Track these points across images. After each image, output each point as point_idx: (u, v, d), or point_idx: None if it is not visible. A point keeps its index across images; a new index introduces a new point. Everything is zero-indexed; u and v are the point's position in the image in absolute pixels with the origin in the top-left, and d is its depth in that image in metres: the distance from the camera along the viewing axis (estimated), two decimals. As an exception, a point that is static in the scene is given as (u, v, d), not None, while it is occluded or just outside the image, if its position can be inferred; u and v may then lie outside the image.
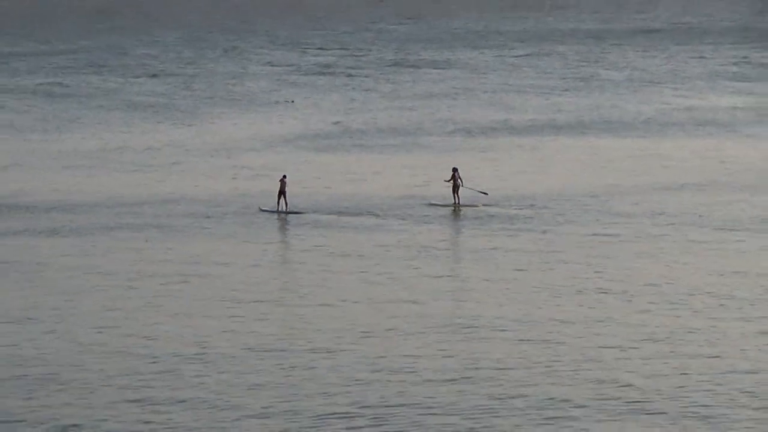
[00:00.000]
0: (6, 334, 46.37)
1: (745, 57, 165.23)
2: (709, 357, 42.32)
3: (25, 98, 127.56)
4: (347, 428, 36.17)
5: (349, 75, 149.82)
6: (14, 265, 57.39)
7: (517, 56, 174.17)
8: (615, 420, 36.50)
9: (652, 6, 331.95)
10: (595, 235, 61.94)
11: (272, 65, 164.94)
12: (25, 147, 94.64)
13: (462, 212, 68.05)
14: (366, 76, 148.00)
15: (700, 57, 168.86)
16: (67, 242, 62.26)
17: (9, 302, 51.00)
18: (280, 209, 67.89)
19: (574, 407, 37.25)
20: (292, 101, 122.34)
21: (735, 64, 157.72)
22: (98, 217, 68.07)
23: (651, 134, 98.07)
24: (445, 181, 68.98)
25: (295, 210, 67.92)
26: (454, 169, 69.22)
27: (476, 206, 68.28)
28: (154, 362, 42.45)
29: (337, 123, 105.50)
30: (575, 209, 68.01)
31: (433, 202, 69.38)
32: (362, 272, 56.14)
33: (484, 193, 69.32)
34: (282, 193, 67.84)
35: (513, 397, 38.31)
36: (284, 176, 68.78)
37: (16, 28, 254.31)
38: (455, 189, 68.40)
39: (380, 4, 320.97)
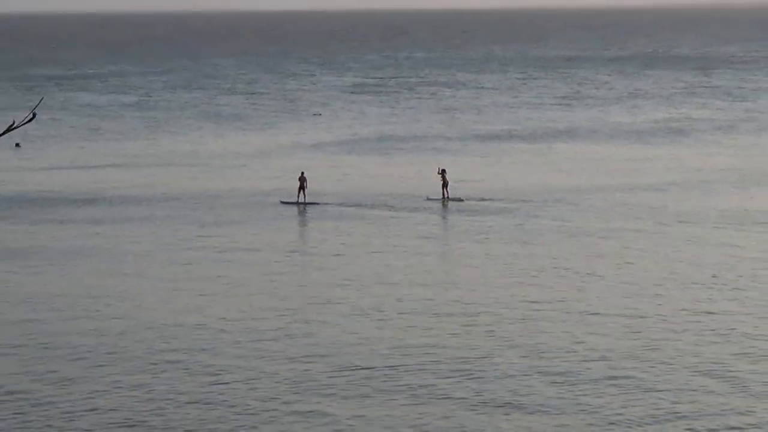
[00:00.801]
0: (85, 309, 45.73)
1: (699, 80, 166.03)
2: (663, 330, 41.87)
3: (117, 110, 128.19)
4: (358, 378, 36.26)
5: (376, 93, 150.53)
6: (92, 250, 56.59)
7: (511, 78, 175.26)
8: (562, 384, 36.05)
9: (622, 38, 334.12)
10: (566, 224, 60.90)
11: (314, 84, 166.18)
12: (110, 149, 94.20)
13: (449, 205, 67.04)
14: (388, 94, 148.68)
15: (661, 79, 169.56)
16: (137, 229, 61.48)
17: (89, 281, 50.35)
18: (299, 201, 66.91)
19: (529, 372, 37.05)
20: (320, 114, 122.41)
21: (690, 85, 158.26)
22: (164, 209, 67.27)
23: (620, 141, 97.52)
24: (438, 174, 68.52)
25: (312, 201, 67.04)
26: (443, 170, 68.71)
27: (461, 200, 67.50)
28: (204, 329, 42.14)
29: (365, 132, 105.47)
30: (551, 203, 67.05)
31: (431, 197, 68.58)
32: (371, 252, 55.61)
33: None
34: (302, 187, 66.85)
35: (481, 363, 38.07)
36: (303, 173, 67.98)
37: (111, 55, 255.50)
38: (444, 186, 67.91)
39: (397, 38, 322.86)
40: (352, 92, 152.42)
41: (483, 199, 68.11)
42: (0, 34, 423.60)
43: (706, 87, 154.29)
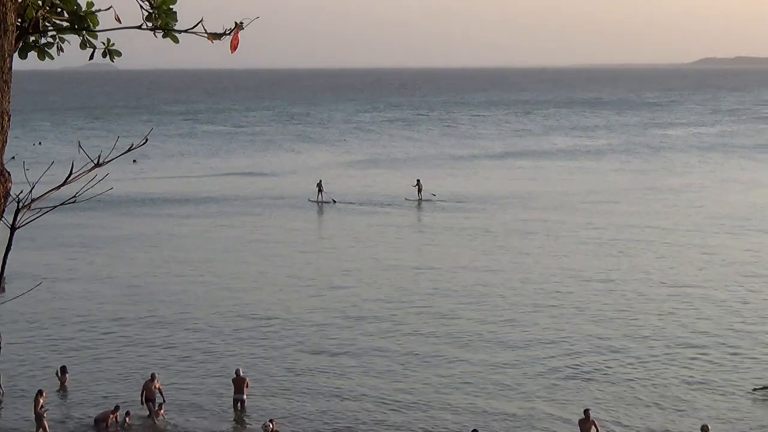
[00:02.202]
0: (175, 275, 46.38)
1: (623, 117, 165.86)
2: (578, 308, 41.76)
3: (212, 136, 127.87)
4: (365, 326, 36.52)
5: (402, 126, 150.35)
6: (184, 237, 57.00)
7: (486, 116, 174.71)
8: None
9: (564, 85, 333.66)
10: (516, 219, 60.76)
11: (346, 119, 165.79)
12: (201, 164, 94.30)
13: (422, 205, 66.73)
14: (404, 127, 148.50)
15: (595, 116, 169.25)
16: (215, 221, 61.76)
17: (180, 256, 50.83)
18: (318, 200, 67.58)
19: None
20: (345, 140, 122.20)
21: (615, 120, 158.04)
22: (235, 206, 67.36)
23: (563, 159, 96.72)
24: (413, 186, 69.16)
25: (325, 201, 67.36)
26: (418, 180, 69.31)
27: (432, 201, 67.18)
28: (256, 289, 42.32)
29: (380, 152, 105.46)
30: (504, 204, 66.62)
31: (408, 198, 68.47)
32: (365, 236, 55.86)
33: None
34: (320, 191, 67.66)
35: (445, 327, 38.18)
36: (321, 180, 69.26)
37: (214, 99, 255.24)
38: (419, 191, 68.03)
39: (411, 87, 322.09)
40: (380, 124, 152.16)
41: (459, 201, 67.79)
42: (136, 84, 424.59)
43: (628, 122, 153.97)
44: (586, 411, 25.84)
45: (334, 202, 67.17)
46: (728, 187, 74.83)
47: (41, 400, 26.99)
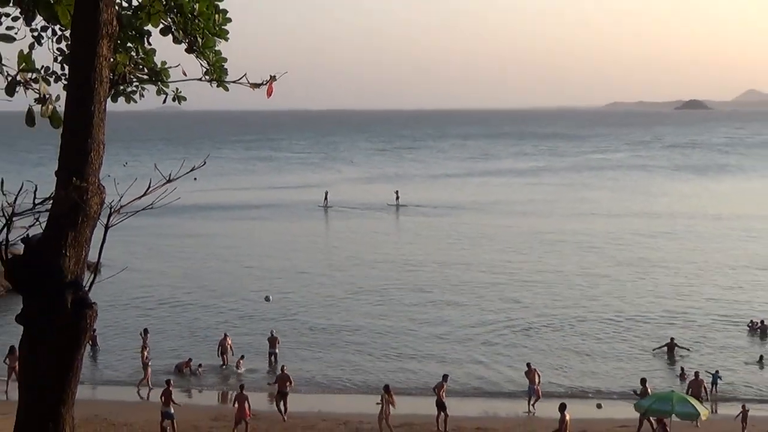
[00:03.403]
0: (223, 261, 46.08)
1: (562, 147, 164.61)
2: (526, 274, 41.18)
3: (257, 160, 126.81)
4: (358, 296, 36.61)
5: (401, 151, 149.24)
6: (230, 234, 56.52)
7: (463, 144, 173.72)
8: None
9: (516, 122, 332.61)
10: (476, 221, 60.30)
11: (360, 147, 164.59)
12: (246, 181, 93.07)
13: (400, 209, 66.27)
14: (394, 151, 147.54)
15: (538, 144, 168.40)
16: (252, 222, 61.38)
17: (224, 246, 50.30)
18: (324, 206, 67.17)
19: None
20: (353, 161, 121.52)
21: (556, 149, 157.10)
22: (267, 212, 66.83)
23: (518, 176, 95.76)
24: (394, 192, 68.79)
25: (330, 206, 66.99)
26: (397, 191, 69.04)
27: (407, 206, 66.84)
28: (274, 272, 42.28)
29: (378, 172, 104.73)
30: (471, 210, 66.04)
31: (389, 203, 68.05)
32: (358, 229, 55.97)
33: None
34: (326, 199, 67.52)
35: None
36: (327, 191, 68.65)
37: (258, 132, 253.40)
38: (397, 198, 67.62)
39: (407, 124, 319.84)
40: (386, 151, 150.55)
41: (434, 207, 67.33)
42: (198, 122, 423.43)
43: (568, 149, 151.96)
44: (528, 364, 25.85)
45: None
46: (642, 198, 74.26)
47: (146, 353, 27.37)
